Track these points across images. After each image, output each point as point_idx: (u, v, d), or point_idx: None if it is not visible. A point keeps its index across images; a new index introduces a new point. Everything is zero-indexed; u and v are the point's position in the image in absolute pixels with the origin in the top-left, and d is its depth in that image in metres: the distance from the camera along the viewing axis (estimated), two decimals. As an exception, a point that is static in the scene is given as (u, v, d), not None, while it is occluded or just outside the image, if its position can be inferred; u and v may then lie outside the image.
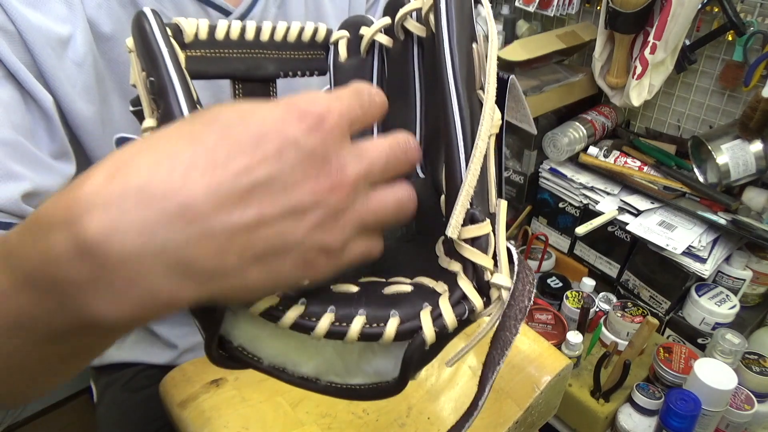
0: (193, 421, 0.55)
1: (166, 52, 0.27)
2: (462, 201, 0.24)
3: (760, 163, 0.93)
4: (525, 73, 1.08)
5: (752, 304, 1.02)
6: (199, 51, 0.33)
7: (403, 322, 0.24)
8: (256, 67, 0.35)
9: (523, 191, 1.18)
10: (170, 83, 0.27)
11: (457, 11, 0.26)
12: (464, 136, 0.25)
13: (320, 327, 0.24)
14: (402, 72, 0.36)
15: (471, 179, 0.24)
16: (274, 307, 0.24)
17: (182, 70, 0.28)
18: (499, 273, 0.24)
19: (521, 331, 0.63)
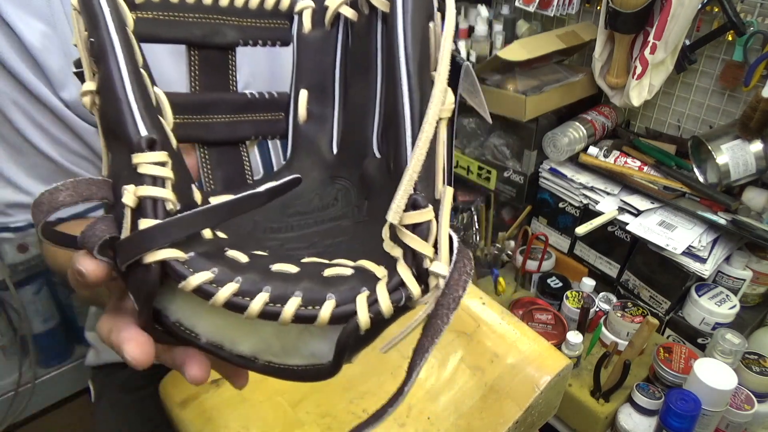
0: (193, 421, 0.55)
1: (108, 12, 0.25)
2: (404, 186, 0.23)
3: (760, 163, 0.93)
4: (525, 73, 1.08)
5: (752, 304, 1.02)
6: (151, 13, 0.31)
7: (339, 305, 0.23)
8: (213, 33, 0.34)
9: (523, 191, 1.18)
10: (110, 45, 0.25)
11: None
12: (412, 119, 0.24)
13: (253, 306, 0.23)
14: (365, 48, 0.35)
15: (415, 164, 0.23)
16: (207, 283, 0.23)
17: (126, 32, 0.26)
18: (438, 261, 0.24)
19: (521, 331, 0.63)
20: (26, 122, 0.51)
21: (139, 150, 0.24)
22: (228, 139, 0.36)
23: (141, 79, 0.26)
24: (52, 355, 1.39)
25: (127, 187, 0.24)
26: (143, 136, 0.24)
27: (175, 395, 0.57)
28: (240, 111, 0.36)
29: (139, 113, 0.24)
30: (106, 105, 0.25)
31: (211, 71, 0.35)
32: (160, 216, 0.24)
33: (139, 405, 0.72)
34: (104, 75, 0.25)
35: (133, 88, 0.25)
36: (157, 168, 0.24)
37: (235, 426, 0.54)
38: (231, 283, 0.23)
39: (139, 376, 0.75)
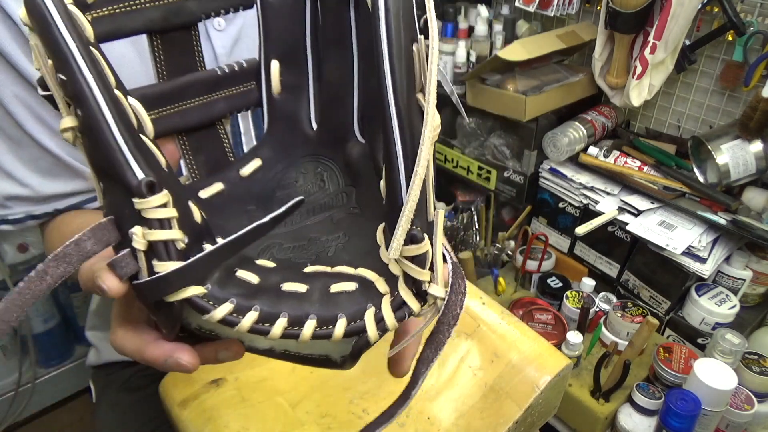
0: (193, 421, 0.55)
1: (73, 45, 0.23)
2: (403, 225, 0.25)
3: (760, 163, 0.93)
4: (525, 73, 1.08)
5: (752, 304, 1.02)
6: (106, 9, 0.28)
7: (350, 323, 0.26)
8: (174, 13, 0.31)
9: (523, 191, 1.18)
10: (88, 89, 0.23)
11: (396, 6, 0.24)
12: (405, 155, 0.25)
13: (275, 332, 0.26)
14: (338, 22, 0.34)
15: (411, 205, 0.24)
16: (230, 314, 0.26)
17: (93, 57, 0.24)
18: (435, 284, 0.26)
19: (521, 331, 0.63)
20: (26, 115, 0.51)
21: (140, 195, 0.24)
22: (204, 122, 0.35)
23: (124, 114, 0.25)
24: (52, 355, 1.39)
25: (136, 232, 0.24)
26: (142, 181, 0.24)
27: (175, 395, 0.57)
28: (212, 90, 0.35)
29: (132, 156, 0.24)
30: (93, 147, 0.25)
31: (177, 54, 0.34)
32: (173, 256, 0.25)
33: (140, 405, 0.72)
34: (87, 121, 0.24)
35: (121, 131, 0.24)
36: (161, 211, 0.24)
37: (235, 426, 0.54)
38: (251, 312, 0.26)
39: (140, 376, 0.75)
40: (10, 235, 1.22)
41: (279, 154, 0.37)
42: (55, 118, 0.53)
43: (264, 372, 0.59)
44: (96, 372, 0.80)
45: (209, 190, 0.35)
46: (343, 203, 0.35)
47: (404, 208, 0.24)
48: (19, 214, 0.56)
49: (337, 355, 0.31)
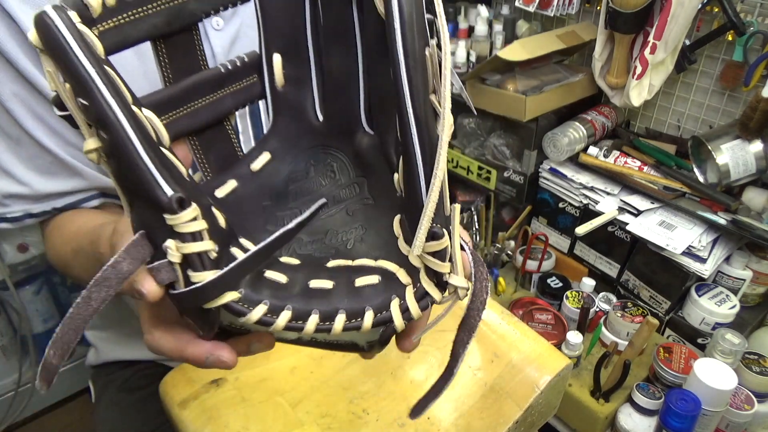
0: (193, 421, 0.55)
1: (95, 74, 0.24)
2: (425, 225, 0.26)
3: (760, 163, 0.93)
4: (525, 73, 1.08)
5: (752, 304, 1.02)
6: (112, 21, 0.28)
7: (377, 314, 0.28)
8: (176, 17, 0.31)
9: (523, 191, 1.18)
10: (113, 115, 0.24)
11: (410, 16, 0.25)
12: (423, 156, 0.26)
13: (308, 328, 0.28)
14: (340, 19, 0.34)
15: (432, 205, 0.26)
16: (265, 315, 0.27)
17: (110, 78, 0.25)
18: (455, 275, 0.28)
19: (521, 331, 0.63)
20: (25, 113, 0.52)
21: (171, 212, 0.25)
22: (213, 120, 0.36)
23: (145, 131, 0.25)
24: (52, 355, 1.38)
25: (170, 246, 0.25)
26: (173, 198, 0.25)
27: (175, 395, 0.57)
28: (218, 88, 0.35)
29: (159, 174, 0.25)
30: (121, 168, 0.25)
31: (181, 56, 0.34)
32: (208, 266, 0.26)
33: (139, 405, 0.72)
34: (113, 144, 0.24)
35: (146, 150, 0.25)
36: (193, 224, 0.26)
37: (235, 426, 0.54)
38: (284, 311, 0.28)
39: (139, 376, 0.75)
40: (10, 235, 1.22)
41: (286, 146, 0.38)
42: (54, 118, 0.53)
43: (264, 372, 0.59)
44: (95, 372, 0.80)
45: (224, 189, 0.36)
46: (356, 194, 0.36)
47: (425, 209, 0.26)
48: (17, 212, 0.56)
49: (363, 342, 0.33)
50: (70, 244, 0.53)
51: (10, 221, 0.56)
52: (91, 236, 0.47)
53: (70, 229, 0.55)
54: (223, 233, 0.28)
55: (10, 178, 0.54)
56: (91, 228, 0.51)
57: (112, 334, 0.77)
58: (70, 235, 0.54)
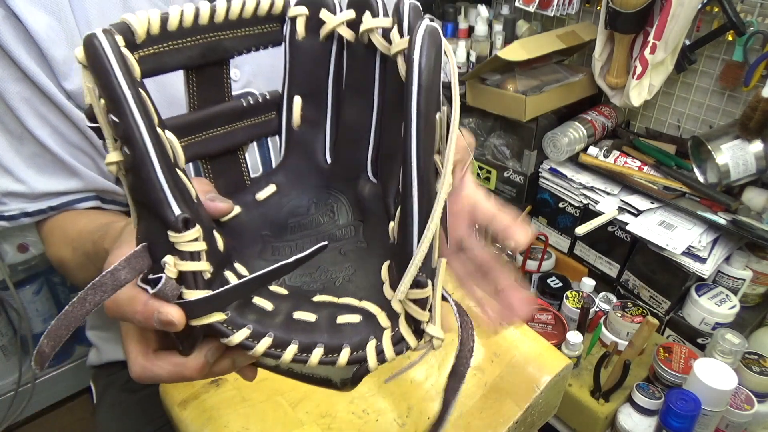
0: (193, 421, 0.55)
1: (129, 95, 0.26)
2: (411, 273, 0.27)
3: (760, 163, 0.93)
4: (525, 73, 1.08)
5: (752, 304, 1.02)
6: (153, 48, 0.30)
7: (353, 353, 0.30)
8: (211, 51, 0.33)
9: (523, 191, 1.18)
10: (139, 136, 0.26)
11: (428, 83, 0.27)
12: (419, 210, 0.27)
13: (285, 357, 0.29)
14: (362, 72, 0.36)
15: (420, 255, 0.27)
16: (246, 339, 0.29)
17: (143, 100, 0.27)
18: (432, 325, 0.29)
19: (521, 331, 0.63)
20: (29, 112, 0.52)
21: (176, 230, 0.27)
22: (226, 149, 0.38)
23: (165, 152, 0.27)
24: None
25: (168, 261, 0.27)
26: (179, 218, 0.27)
27: (175, 395, 0.57)
28: (236, 120, 0.37)
29: (171, 194, 0.27)
30: (137, 183, 0.27)
31: (208, 87, 0.36)
32: (200, 286, 0.28)
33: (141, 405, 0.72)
34: (135, 161, 0.26)
35: (163, 170, 0.27)
36: (193, 244, 0.28)
37: (235, 426, 0.54)
38: (266, 337, 0.29)
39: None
40: (10, 235, 1.22)
41: (293, 181, 0.39)
42: (56, 118, 0.53)
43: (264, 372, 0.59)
44: (97, 372, 0.80)
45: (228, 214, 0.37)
46: (351, 236, 0.38)
47: (414, 258, 0.27)
48: (13, 210, 0.56)
49: (337, 378, 0.34)
50: (71, 244, 0.53)
51: (7, 219, 0.56)
52: (93, 236, 0.47)
53: (72, 229, 0.55)
54: (220, 256, 0.30)
55: (10, 176, 0.54)
56: (93, 228, 0.51)
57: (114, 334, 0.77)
58: (72, 235, 0.54)
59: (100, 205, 0.59)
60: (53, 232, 0.58)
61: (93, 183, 0.57)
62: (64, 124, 0.54)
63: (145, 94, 0.27)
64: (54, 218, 0.58)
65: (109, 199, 0.59)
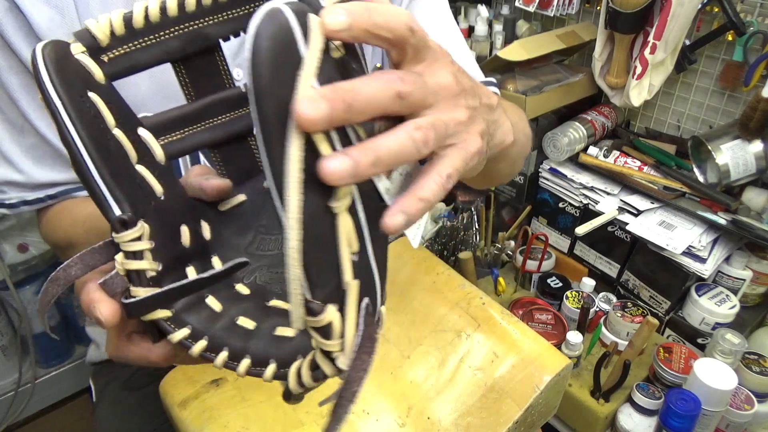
0: (193, 421, 0.55)
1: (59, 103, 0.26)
2: (294, 300, 0.25)
3: (760, 163, 0.93)
4: (525, 73, 1.08)
5: (752, 304, 1.02)
6: (121, 49, 0.30)
7: (279, 369, 0.30)
8: (192, 41, 0.32)
9: (523, 191, 1.18)
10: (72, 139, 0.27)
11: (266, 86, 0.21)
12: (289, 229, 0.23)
13: (217, 362, 0.30)
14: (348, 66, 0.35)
15: (294, 284, 0.24)
16: (185, 338, 0.30)
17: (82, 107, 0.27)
18: (342, 357, 0.26)
19: (521, 331, 0.63)
20: (30, 104, 0.53)
21: (115, 230, 0.28)
22: (232, 136, 0.37)
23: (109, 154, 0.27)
24: (52, 355, 1.39)
25: (117, 259, 0.29)
26: (116, 218, 0.27)
27: (175, 395, 0.57)
28: (237, 106, 0.36)
29: (110, 195, 0.27)
30: (83, 185, 0.28)
31: (202, 77, 0.35)
32: (144, 284, 0.29)
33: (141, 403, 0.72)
34: (75, 166, 0.27)
35: (101, 173, 0.27)
36: (134, 244, 0.28)
37: (235, 426, 0.54)
38: (201, 340, 0.30)
39: (141, 375, 0.75)
40: (10, 235, 1.22)
41: None
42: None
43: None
44: (96, 369, 0.80)
45: (230, 202, 0.37)
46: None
47: (289, 288, 0.24)
48: (13, 199, 0.57)
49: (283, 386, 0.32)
50: (82, 226, 0.54)
51: (7, 207, 0.57)
52: None
53: (81, 212, 0.56)
54: (183, 252, 0.31)
55: (10, 166, 0.56)
56: None
57: (113, 331, 0.77)
58: (82, 217, 0.55)
59: None
60: (60, 215, 0.58)
61: None
62: None
63: (98, 98, 0.27)
64: (59, 204, 0.59)
65: None
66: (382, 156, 0.23)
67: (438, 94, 0.27)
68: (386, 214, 0.25)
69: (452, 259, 1.18)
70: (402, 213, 0.25)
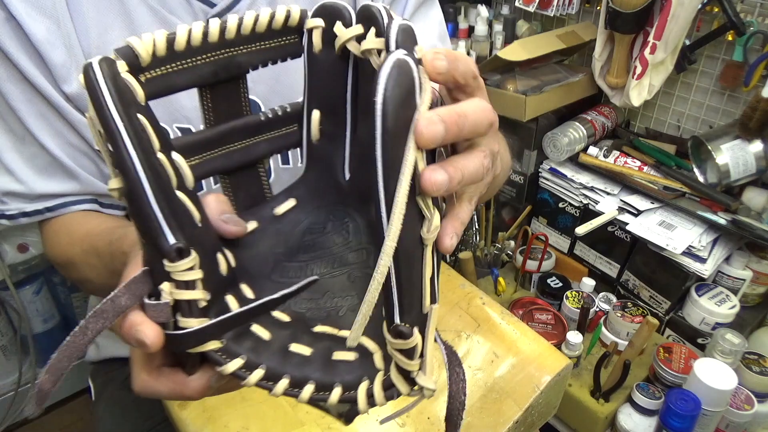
0: (193, 421, 0.55)
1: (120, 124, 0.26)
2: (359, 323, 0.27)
3: (760, 163, 0.93)
4: (525, 73, 1.08)
5: (752, 304, 1.02)
6: (161, 69, 0.30)
7: (345, 392, 0.29)
8: (224, 68, 0.33)
9: (523, 191, 1.18)
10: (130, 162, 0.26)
11: (393, 128, 0.25)
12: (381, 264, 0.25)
13: (276, 390, 0.29)
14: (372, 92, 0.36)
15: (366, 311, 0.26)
16: (239, 369, 0.29)
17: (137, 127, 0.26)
18: (423, 374, 0.28)
19: (521, 331, 0.63)
20: (30, 113, 0.52)
21: (170, 259, 0.27)
22: (245, 163, 0.37)
23: (161, 179, 0.27)
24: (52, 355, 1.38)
25: (164, 288, 0.28)
26: (173, 247, 0.27)
27: (175, 395, 0.57)
28: (255, 134, 0.37)
29: (165, 222, 0.27)
30: (133, 212, 0.27)
31: (224, 103, 0.35)
32: (195, 314, 0.28)
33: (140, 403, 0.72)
34: (128, 190, 0.26)
35: (157, 199, 0.26)
36: (187, 274, 0.28)
37: (235, 426, 0.54)
38: (258, 369, 0.29)
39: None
40: (10, 235, 1.22)
41: (312, 196, 0.39)
42: (58, 119, 0.53)
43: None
44: (95, 368, 0.80)
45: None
46: (362, 261, 0.37)
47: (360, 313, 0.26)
48: (13, 210, 0.56)
49: (335, 411, 0.33)
50: (80, 245, 0.53)
51: (8, 218, 0.57)
52: (109, 236, 0.47)
53: (79, 229, 0.56)
54: (222, 280, 0.30)
55: (11, 176, 0.55)
56: (105, 229, 0.51)
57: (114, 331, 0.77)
58: (80, 235, 0.54)
59: (97, 208, 0.59)
60: (59, 233, 0.58)
61: (91, 186, 0.57)
62: (65, 126, 0.54)
63: (145, 119, 0.27)
64: (58, 219, 0.58)
65: (108, 203, 0.60)
66: (466, 175, 0.28)
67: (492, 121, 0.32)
68: (442, 239, 0.29)
69: (452, 259, 1.18)
70: (455, 235, 0.29)
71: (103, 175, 0.58)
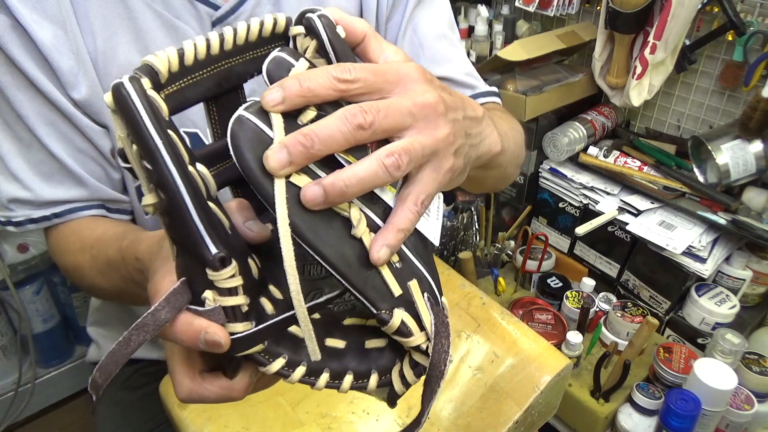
0: (193, 421, 0.55)
1: (161, 144, 0.27)
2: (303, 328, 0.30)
3: (760, 163, 0.93)
4: (525, 73, 1.08)
5: (752, 304, 1.02)
6: (176, 85, 0.31)
7: (381, 377, 0.31)
8: (225, 79, 0.34)
9: (523, 191, 1.18)
10: (173, 181, 0.27)
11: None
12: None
13: (319, 384, 0.31)
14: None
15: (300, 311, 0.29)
16: (282, 368, 0.30)
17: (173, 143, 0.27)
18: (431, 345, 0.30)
19: (521, 331, 0.63)
20: (37, 119, 0.52)
21: (213, 269, 0.28)
22: None
23: (197, 191, 0.28)
24: (52, 355, 1.39)
25: (208, 296, 0.29)
26: (216, 256, 0.28)
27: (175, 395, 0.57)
28: None
29: (207, 234, 0.28)
30: (173, 225, 0.28)
31: (228, 113, 0.35)
32: (239, 319, 0.29)
33: (140, 403, 0.72)
34: (169, 205, 0.27)
35: (198, 212, 0.27)
36: (230, 281, 0.29)
37: (235, 426, 0.54)
38: (300, 366, 0.31)
39: (140, 375, 0.75)
40: (11, 235, 1.22)
41: None
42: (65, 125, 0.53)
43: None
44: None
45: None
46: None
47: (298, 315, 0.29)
48: (20, 217, 0.56)
49: (378, 396, 0.34)
50: (90, 251, 0.53)
51: (15, 225, 0.57)
52: (119, 242, 0.47)
53: (89, 236, 0.55)
54: (255, 285, 0.31)
55: (18, 183, 0.55)
56: (114, 234, 0.51)
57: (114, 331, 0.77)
58: (90, 242, 0.54)
59: (105, 214, 0.59)
60: (67, 239, 0.57)
61: (98, 192, 0.57)
62: (73, 131, 0.54)
63: (174, 134, 0.28)
64: (66, 225, 0.58)
65: (115, 208, 0.60)
66: (351, 184, 0.28)
67: (415, 114, 0.30)
68: (372, 249, 0.29)
69: (452, 259, 1.18)
70: (386, 246, 0.29)
71: (111, 181, 0.58)
